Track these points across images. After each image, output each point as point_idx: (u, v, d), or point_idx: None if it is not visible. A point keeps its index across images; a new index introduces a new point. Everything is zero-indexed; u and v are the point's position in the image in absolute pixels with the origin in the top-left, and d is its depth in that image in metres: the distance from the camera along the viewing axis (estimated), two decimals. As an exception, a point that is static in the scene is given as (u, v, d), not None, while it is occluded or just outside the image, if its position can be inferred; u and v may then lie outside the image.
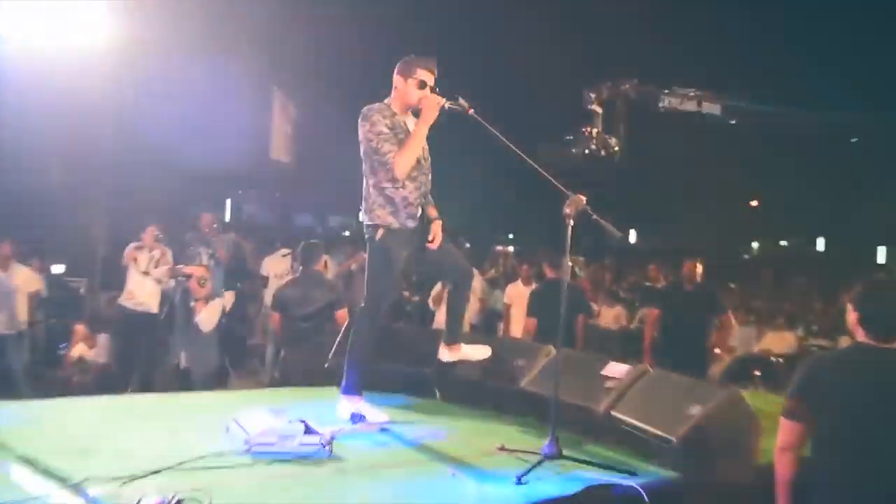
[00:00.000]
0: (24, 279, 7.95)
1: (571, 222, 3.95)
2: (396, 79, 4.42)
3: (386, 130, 4.31)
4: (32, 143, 10.75)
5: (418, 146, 4.36)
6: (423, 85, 4.38)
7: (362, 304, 4.55)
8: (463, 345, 4.87)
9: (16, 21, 9.20)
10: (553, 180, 4.03)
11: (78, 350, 8.30)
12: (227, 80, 13.78)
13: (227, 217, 23.88)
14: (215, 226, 9.47)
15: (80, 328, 8.36)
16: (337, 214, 28.54)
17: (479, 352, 4.92)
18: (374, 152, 4.31)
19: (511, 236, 25.95)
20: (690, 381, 4.32)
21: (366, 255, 4.56)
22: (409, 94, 4.39)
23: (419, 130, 4.35)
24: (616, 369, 4.56)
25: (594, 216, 3.95)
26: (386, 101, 4.45)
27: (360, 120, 4.35)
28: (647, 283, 10.45)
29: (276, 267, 10.02)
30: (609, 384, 4.47)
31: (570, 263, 3.99)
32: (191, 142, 14.43)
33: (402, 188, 4.36)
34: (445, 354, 4.86)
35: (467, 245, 15.97)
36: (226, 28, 12.79)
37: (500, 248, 17.86)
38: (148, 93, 12.48)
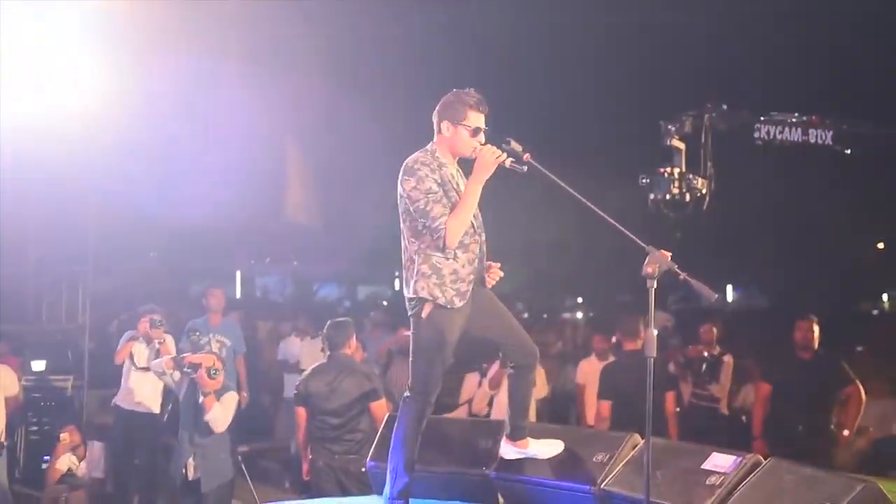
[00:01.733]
0: (3, 383, 8.11)
1: (654, 284, 3.98)
2: (443, 124, 4.45)
3: (436, 188, 4.33)
4: (4, 221, 11.10)
5: (472, 209, 4.38)
6: (476, 132, 4.42)
7: (407, 394, 4.57)
8: (530, 439, 4.85)
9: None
10: (629, 234, 4.06)
11: (64, 462, 8.40)
12: (230, 132, 14.17)
13: (238, 292, 24.20)
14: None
15: (66, 435, 8.47)
16: (368, 285, 28.78)
17: (549, 447, 4.90)
18: (421, 214, 4.32)
19: (580, 301, 25.86)
20: (816, 473, 4.24)
21: (408, 334, 4.61)
22: (461, 142, 4.43)
23: (473, 190, 4.35)
24: (721, 461, 4.50)
25: (682, 275, 3.96)
26: (429, 147, 4.48)
27: (402, 174, 4.37)
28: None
29: (302, 352, 10.15)
30: (713, 480, 4.41)
31: (654, 332, 3.99)
32: (190, 207, 14.80)
33: (452, 259, 4.38)
34: (509, 451, 4.86)
35: (525, 315, 15.95)
36: (224, 68, 13.19)
37: (567, 316, 17.86)
38: (136, 152, 12.86)
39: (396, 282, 29.28)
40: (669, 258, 3.95)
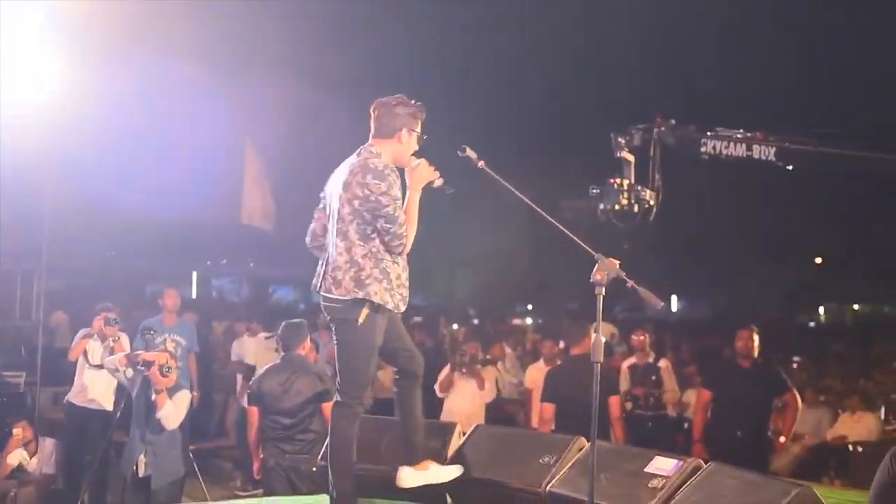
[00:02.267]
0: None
1: (602, 290, 4.00)
2: (403, 130, 4.47)
3: (399, 195, 4.37)
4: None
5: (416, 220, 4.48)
6: (421, 139, 4.52)
7: (338, 399, 4.56)
8: (431, 462, 4.76)
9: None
10: (580, 242, 4.08)
11: (16, 457, 8.23)
12: (191, 132, 14.03)
13: (194, 293, 23.96)
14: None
15: (19, 431, 8.31)
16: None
17: (449, 472, 4.84)
18: (388, 219, 4.31)
19: (530, 307, 25.99)
20: (754, 478, 4.29)
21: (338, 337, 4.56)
22: (409, 150, 4.51)
23: (416, 202, 4.48)
24: (663, 465, 4.53)
25: (630, 283, 3.99)
26: (374, 150, 4.45)
27: (370, 177, 4.31)
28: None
29: (255, 351, 10.06)
30: (655, 483, 4.45)
31: (602, 338, 4.01)
32: (148, 205, 14.63)
33: (397, 264, 4.43)
34: (409, 478, 4.71)
35: (475, 321, 15.97)
36: (187, 71, 13.06)
37: (517, 321, 17.92)
38: (94, 149, 12.67)
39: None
40: (618, 266, 3.97)
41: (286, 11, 13.18)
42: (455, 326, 14.46)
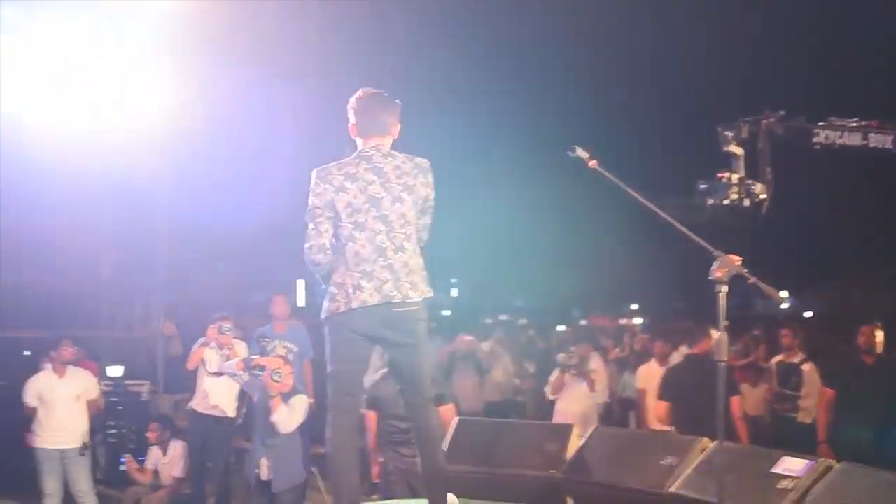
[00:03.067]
0: (85, 386, 8.28)
1: (724, 288, 3.93)
2: (398, 128, 4.43)
3: None
4: (80, 232, 11.35)
5: None
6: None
7: (430, 398, 4.44)
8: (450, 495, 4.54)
9: (59, 107, 9.88)
10: (699, 240, 4.02)
11: (153, 460, 8.58)
12: (297, 144, 14.31)
13: (301, 300, 24.34)
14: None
15: (152, 433, 8.66)
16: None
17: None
18: (430, 215, 4.40)
19: (635, 307, 25.62)
20: (891, 478, 4.15)
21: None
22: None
23: None
24: (793, 465, 4.42)
25: (752, 279, 3.91)
26: (386, 147, 4.39)
27: (429, 175, 4.34)
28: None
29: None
30: (785, 484, 4.34)
31: (725, 337, 3.94)
32: (254, 216, 14.97)
33: None
34: None
35: (582, 322, 15.87)
36: (289, 82, 13.34)
37: (624, 321, 17.71)
38: (202, 164, 13.06)
39: (454, 290, 29.36)
40: (739, 263, 3.89)
41: (401, 32, 13.34)
42: (562, 328, 14.38)
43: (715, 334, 4.02)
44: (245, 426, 8.11)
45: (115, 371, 11.11)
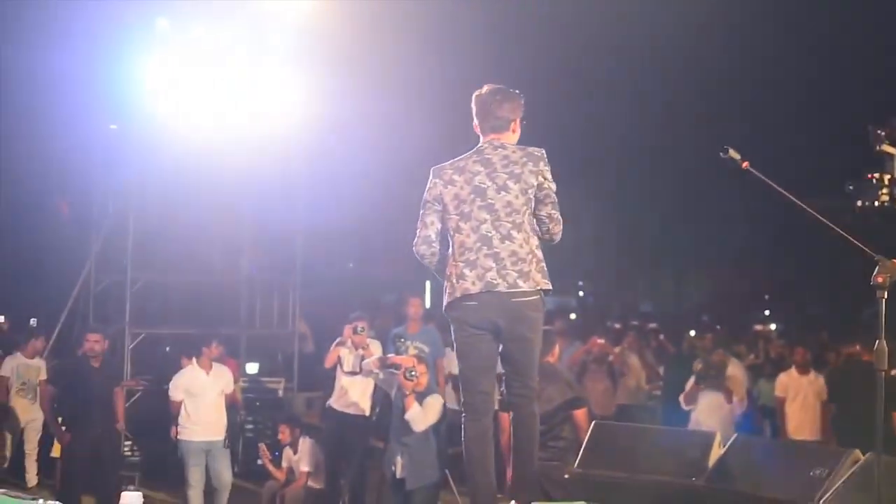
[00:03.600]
0: (227, 381, 8.56)
1: (885, 294, 3.76)
2: (517, 123, 4.41)
3: None
4: (222, 232, 11.77)
5: None
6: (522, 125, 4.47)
7: (532, 393, 4.37)
8: None
9: (204, 111, 10.30)
10: (859, 244, 3.86)
11: (286, 459, 8.81)
12: (429, 145, 14.45)
13: (428, 302, 24.61)
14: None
15: (283, 433, 8.90)
16: (554, 295, 28.68)
17: None
18: (553, 205, 4.26)
19: (767, 313, 24.85)
20: None
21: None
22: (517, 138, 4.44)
23: None
24: (954, 481, 4.19)
25: (918, 287, 3.74)
26: (502, 142, 4.36)
27: (542, 164, 4.25)
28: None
29: None
30: (946, 501, 4.12)
31: (885, 345, 3.77)
32: (383, 219, 15.22)
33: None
34: None
35: (718, 326, 15.45)
36: (418, 94, 13.51)
37: (759, 327, 17.20)
38: (335, 171, 13.36)
39: (581, 293, 29.11)
40: (903, 268, 3.72)
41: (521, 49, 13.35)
42: (692, 333, 14.05)
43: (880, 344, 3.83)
44: (379, 425, 8.23)
45: (252, 368, 11.47)
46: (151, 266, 11.19)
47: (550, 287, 4.27)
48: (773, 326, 18.90)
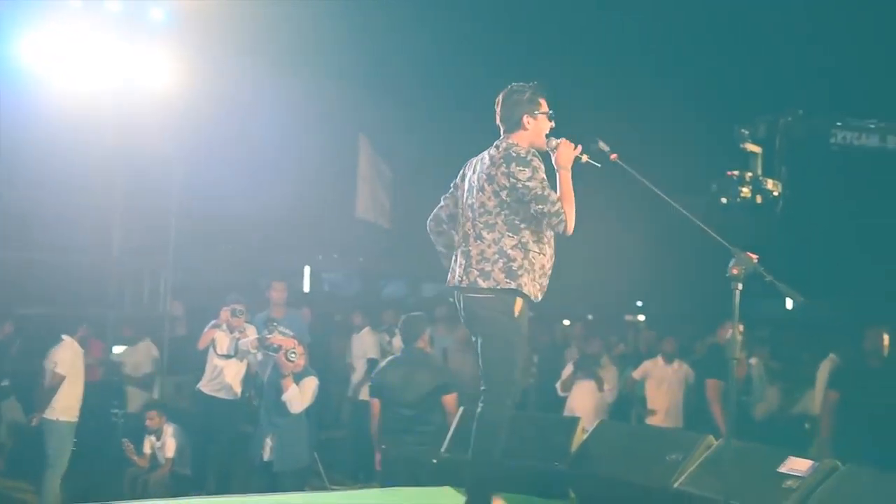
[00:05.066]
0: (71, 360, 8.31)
1: (739, 286, 3.92)
2: (524, 118, 4.41)
3: (545, 178, 4.31)
4: (91, 210, 11.38)
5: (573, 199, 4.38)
6: (552, 117, 4.47)
7: (495, 392, 4.39)
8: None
9: (75, 85, 9.94)
10: (716, 236, 4.01)
11: (149, 445, 8.63)
12: (305, 128, 14.32)
13: (306, 287, 24.38)
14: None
15: (151, 419, 8.70)
16: (433, 282, 28.77)
17: None
18: (540, 200, 4.24)
19: (640, 304, 25.57)
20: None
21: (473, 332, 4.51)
22: (541, 132, 4.44)
23: (568, 179, 4.38)
24: (798, 465, 4.42)
25: (769, 277, 3.90)
26: (510, 141, 4.41)
27: (514, 164, 4.25)
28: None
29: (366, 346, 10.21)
30: (789, 483, 4.34)
31: (737, 334, 3.94)
32: (262, 201, 14.98)
33: (543, 254, 4.37)
34: None
35: (590, 316, 15.86)
36: (303, 65, 13.35)
37: (629, 317, 17.70)
38: (213, 149, 13.09)
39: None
40: (756, 261, 3.88)
41: (398, 15, 13.32)
42: (566, 322, 14.35)
43: (732, 332, 4.00)
44: (249, 410, 8.15)
45: (120, 350, 11.14)
46: (11, 242, 10.73)
47: (517, 286, 4.29)
48: (641, 318, 19.52)
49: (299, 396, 6.95)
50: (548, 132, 4.46)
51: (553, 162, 4.42)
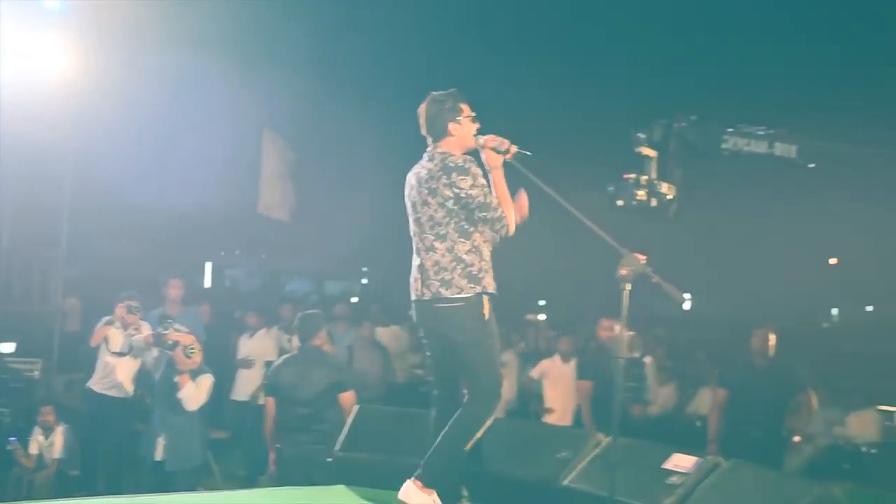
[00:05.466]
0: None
1: (628, 286, 3.99)
2: (449, 125, 4.47)
3: (486, 182, 4.40)
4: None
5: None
6: (476, 119, 4.53)
7: (484, 393, 4.40)
8: (435, 495, 4.44)
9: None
10: (605, 237, 4.07)
11: (36, 444, 8.36)
12: (208, 123, 14.05)
13: (208, 283, 24.00)
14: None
15: (43, 417, 8.44)
16: (336, 280, 28.64)
17: None
18: (483, 208, 4.34)
19: (543, 303, 25.89)
20: (774, 477, 4.29)
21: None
22: (468, 135, 4.51)
23: (501, 178, 4.48)
24: (682, 462, 4.53)
25: (655, 278, 3.98)
26: (441, 150, 4.47)
27: (455, 174, 4.33)
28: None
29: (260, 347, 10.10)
30: (674, 479, 4.44)
31: (626, 334, 4.01)
32: (163, 195, 14.66)
33: (485, 253, 4.45)
34: (410, 495, 4.39)
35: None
36: (204, 57, 13.09)
37: (530, 317, 17.88)
38: (112, 140, 12.73)
39: (365, 279, 29.25)
40: (644, 262, 3.95)
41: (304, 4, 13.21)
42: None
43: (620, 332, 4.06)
44: (142, 408, 7.97)
45: (7, 348, 10.75)
46: None
47: (482, 289, 4.35)
48: (542, 317, 19.75)
49: (196, 394, 6.86)
50: (474, 133, 4.53)
51: (483, 161, 4.50)
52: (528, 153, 4.50)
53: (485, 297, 4.36)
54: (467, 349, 4.38)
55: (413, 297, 4.50)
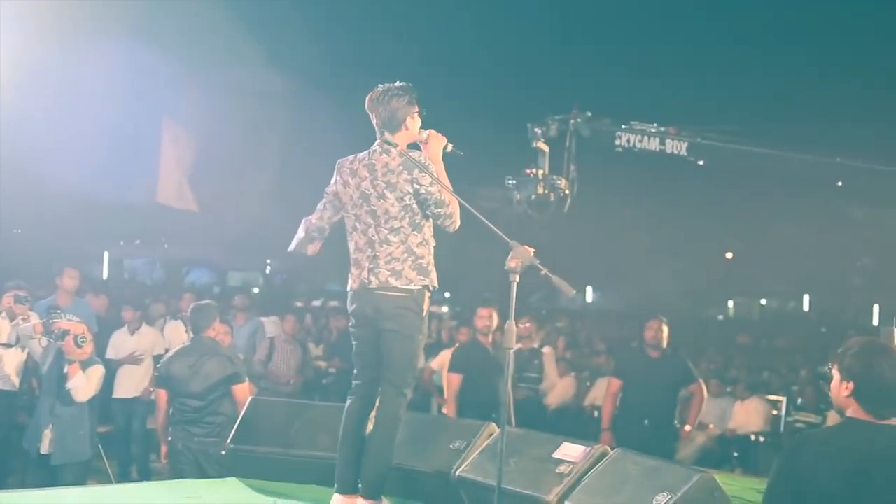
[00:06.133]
0: None
1: (516, 278, 4.02)
2: (408, 119, 4.49)
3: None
4: None
5: None
6: (422, 114, 4.58)
7: (397, 384, 4.48)
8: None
9: None
10: (495, 229, 4.10)
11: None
12: (106, 109, 13.68)
13: (105, 273, 23.41)
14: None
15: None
16: (239, 271, 28.31)
17: None
18: (439, 204, 4.39)
19: (447, 295, 26.04)
20: (658, 464, 4.38)
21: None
22: (416, 129, 4.56)
23: (443, 172, 4.52)
24: (571, 451, 4.60)
25: (543, 270, 4.02)
26: (394, 142, 4.45)
27: (416, 171, 4.35)
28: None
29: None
30: (562, 468, 4.51)
31: (514, 325, 4.05)
32: (59, 182, 14.23)
33: (432, 245, 4.52)
34: None
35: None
36: (103, 44, 12.75)
37: (433, 308, 17.95)
38: (4, 120, 12.29)
39: (268, 269, 28.99)
40: (532, 254, 3.99)
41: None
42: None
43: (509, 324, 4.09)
44: (29, 400, 7.72)
45: None
46: None
47: (429, 282, 4.44)
48: (445, 309, 19.88)
49: (86, 384, 6.65)
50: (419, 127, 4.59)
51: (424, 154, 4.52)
52: (462, 153, 4.61)
53: (427, 294, 4.45)
54: (399, 340, 4.44)
55: (354, 286, 4.50)
